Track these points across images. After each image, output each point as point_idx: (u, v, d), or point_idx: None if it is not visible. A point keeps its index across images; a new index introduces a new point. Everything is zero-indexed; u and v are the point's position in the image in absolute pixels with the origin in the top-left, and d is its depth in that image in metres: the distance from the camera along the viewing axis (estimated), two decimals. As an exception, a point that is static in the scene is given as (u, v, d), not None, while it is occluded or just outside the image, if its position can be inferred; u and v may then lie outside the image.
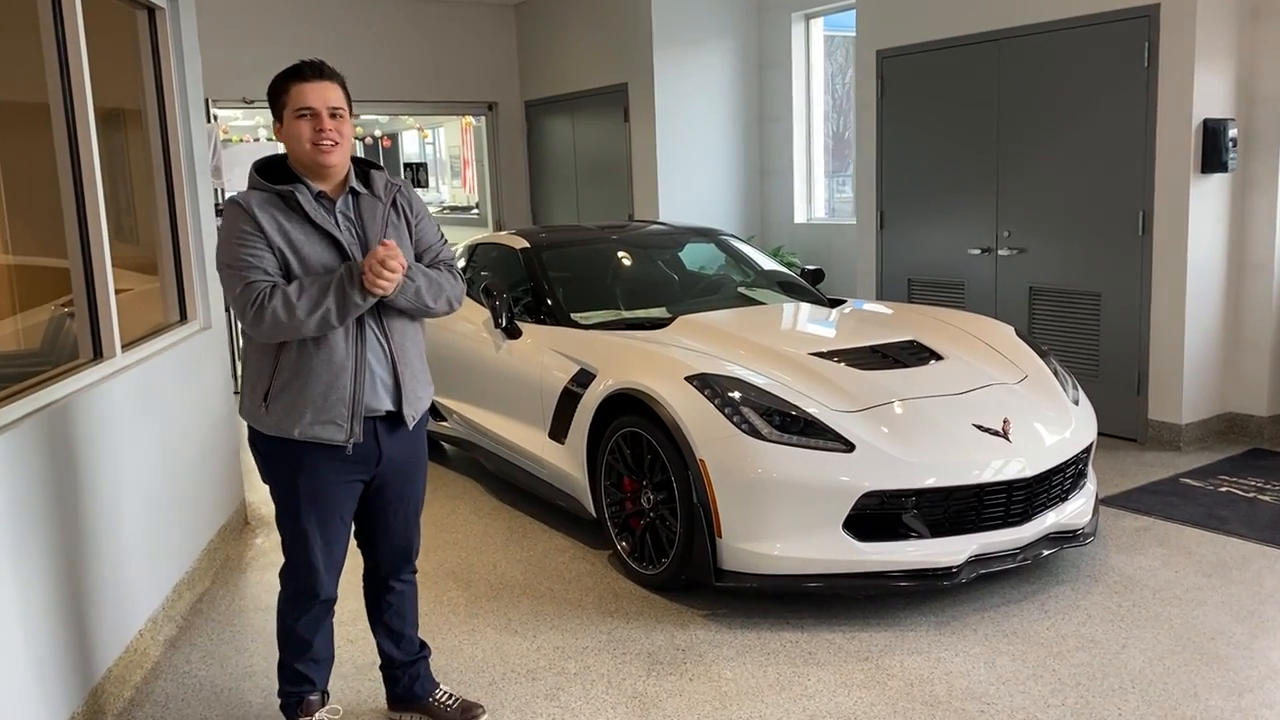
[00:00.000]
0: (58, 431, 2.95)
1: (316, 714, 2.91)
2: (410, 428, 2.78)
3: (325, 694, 2.97)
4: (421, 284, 2.70)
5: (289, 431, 2.62)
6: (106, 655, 3.18)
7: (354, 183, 2.71)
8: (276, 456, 2.70)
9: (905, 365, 4.11)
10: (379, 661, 3.08)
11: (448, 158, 17.36)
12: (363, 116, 19.77)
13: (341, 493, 2.73)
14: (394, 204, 2.77)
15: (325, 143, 2.59)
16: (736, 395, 3.68)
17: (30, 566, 2.72)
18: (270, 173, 2.67)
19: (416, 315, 2.77)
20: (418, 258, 2.81)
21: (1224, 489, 4.88)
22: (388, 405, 2.70)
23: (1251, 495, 4.77)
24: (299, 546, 2.75)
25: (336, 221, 2.65)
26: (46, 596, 2.80)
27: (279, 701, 2.94)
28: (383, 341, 2.68)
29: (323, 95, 2.60)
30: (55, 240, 3.36)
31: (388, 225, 2.72)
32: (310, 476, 2.67)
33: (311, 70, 2.62)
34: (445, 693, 3.08)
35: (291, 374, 2.61)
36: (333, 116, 2.60)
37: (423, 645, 3.09)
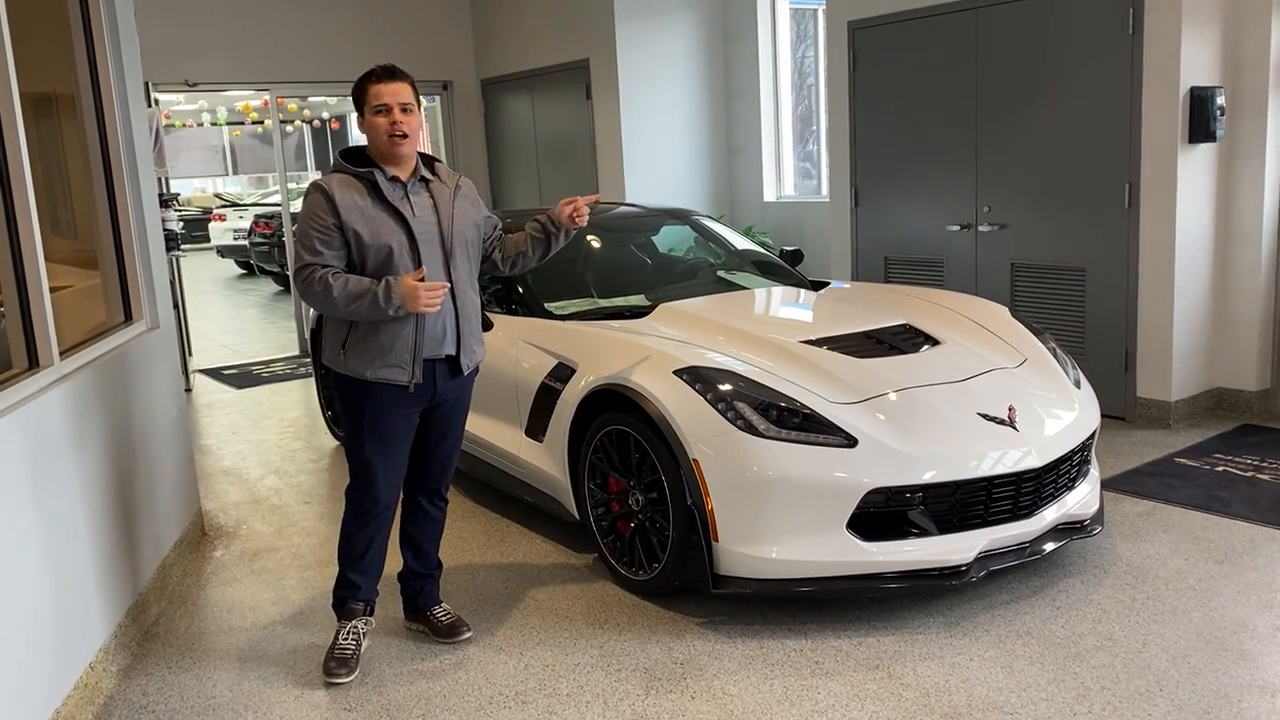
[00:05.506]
0: (-10, 453, 2.66)
1: (354, 621, 3.34)
2: (465, 375, 3.28)
3: (369, 606, 3.39)
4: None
5: (362, 374, 3.12)
6: (55, 694, 2.90)
7: (424, 171, 3.21)
8: (350, 393, 3.19)
9: (902, 352, 3.91)
10: (399, 572, 3.53)
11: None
12: (310, 99, 19.11)
13: (400, 423, 3.23)
14: (458, 188, 3.27)
15: (398, 133, 3.07)
16: (729, 389, 3.46)
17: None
18: (352, 159, 3.17)
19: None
20: (486, 236, 3.40)
21: (1220, 468, 4.76)
22: (449, 351, 3.19)
23: (1250, 474, 4.65)
24: (363, 466, 3.23)
25: (409, 201, 3.12)
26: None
27: (330, 601, 3.44)
28: (449, 300, 3.14)
29: (395, 93, 3.10)
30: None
31: (456, 204, 3.22)
32: (375, 409, 3.17)
33: (384, 73, 3.12)
34: (444, 610, 3.52)
35: (365, 328, 3.10)
36: (404, 111, 3.09)
37: (438, 565, 3.55)
